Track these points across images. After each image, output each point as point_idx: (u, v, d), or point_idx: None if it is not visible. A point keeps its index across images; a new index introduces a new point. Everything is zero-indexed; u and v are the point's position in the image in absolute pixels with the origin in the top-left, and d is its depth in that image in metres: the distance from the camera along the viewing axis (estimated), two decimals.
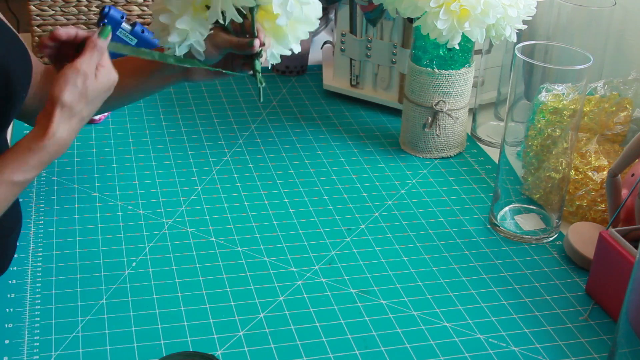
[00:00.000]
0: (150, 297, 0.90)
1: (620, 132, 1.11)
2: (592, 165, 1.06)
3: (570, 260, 0.99)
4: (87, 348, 0.82)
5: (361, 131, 1.30)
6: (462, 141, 1.24)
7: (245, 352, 0.83)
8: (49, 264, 0.94)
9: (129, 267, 0.94)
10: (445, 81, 1.17)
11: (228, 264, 0.96)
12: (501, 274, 0.96)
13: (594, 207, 1.05)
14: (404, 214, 1.08)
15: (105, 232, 1.01)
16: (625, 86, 1.12)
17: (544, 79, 0.99)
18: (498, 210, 1.05)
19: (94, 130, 1.26)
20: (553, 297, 0.93)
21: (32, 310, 0.87)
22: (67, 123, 0.82)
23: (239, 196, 1.10)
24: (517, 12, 1.07)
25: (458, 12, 1.05)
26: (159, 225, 1.03)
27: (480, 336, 0.86)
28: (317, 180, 1.15)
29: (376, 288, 0.93)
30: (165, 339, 0.84)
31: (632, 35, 1.24)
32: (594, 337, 0.87)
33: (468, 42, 1.16)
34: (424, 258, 0.99)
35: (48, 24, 1.42)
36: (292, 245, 1.00)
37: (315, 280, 0.94)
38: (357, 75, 1.38)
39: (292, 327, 0.86)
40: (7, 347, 0.82)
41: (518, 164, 1.04)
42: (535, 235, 1.03)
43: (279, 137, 1.27)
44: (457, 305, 0.91)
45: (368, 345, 0.84)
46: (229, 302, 0.90)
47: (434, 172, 1.19)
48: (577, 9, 1.17)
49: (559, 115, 0.99)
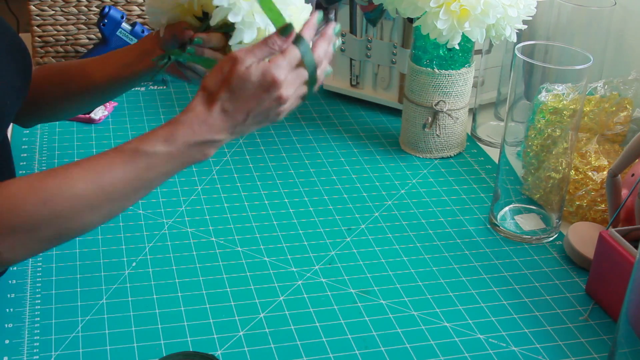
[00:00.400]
0: (150, 297, 0.90)
1: (620, 132, 1.11)
2: (592, 165, 1.06)
3: (570, 260, 0.99)
4: (87, 348, 0.82)
5: (361, 131, 1.30)
6: (462, 141, 1.24)
7: (245, 352, 0.82)
8: (49, 264, 0.94)
9: (129, 267, 0.94)
10: (445, 81, 1.17)
11: (228, 264, 0.96)
12: (501, 274, 0.96)
13: (594, 207, 1.05)
14: (404, 214, 1.08)
15: (105, 232, 1.01)
16: (625, 86, 1.12)
17: (544, 79, 0.99)
18: (498, 210, 1.05)
19: (94, 130, 1.26)
20: (553, 297, 0.93)
21: (32, 310, 0.87)
22: (206, 105, 0.77)
23: (239, 196, 1.10)
24: (517, 12, 1.07)
25: (458, 12, 1.05)
26: (159, 225, 1.03)
27: (480, 336, 0.86)
28: (317, 180, 1.15)
29: (376, 288, 0.93)
30: (165, 339, 0.84)
31: (632, 35, 1.24)
32: (594, 337, 0.87)
33: (468, 42, 1.16)
34: (424, 258, 0.99)
35: (48, 24, 1.42)
36: (292, 245, 1.00)
37: (315, 280, 0.94)
38: (357, 75, 1.38)
39: (292, 327, 0.86)
40: (7, 347, 0.82)
41: (518, 164, 1.04)
42: (535, 235, 1.03)
43: (279, 137, 1.27)
44: (457, 305, 0.91)
45: (368, 345, 0.84)
46: (229, 302, 0.90)
47: (434, 172, 1.19)
48: (577, 9, 1.17)
49: (559, 115, 0.99)
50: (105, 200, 0.75)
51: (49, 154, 1.18)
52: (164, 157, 0.76)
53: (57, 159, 1.17)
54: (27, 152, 1.18)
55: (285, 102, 0.80)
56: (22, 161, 1.15)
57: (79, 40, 1.44)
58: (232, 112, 0.78)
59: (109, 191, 0.75)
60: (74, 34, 1.44)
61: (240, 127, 0.79)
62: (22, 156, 1.16)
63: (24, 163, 1.15)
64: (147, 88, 1.40)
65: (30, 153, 1.18)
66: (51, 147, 1.20)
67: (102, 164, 0.75)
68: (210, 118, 0.77)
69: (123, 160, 0.75)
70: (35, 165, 1.14)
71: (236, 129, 0.79)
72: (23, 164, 1.15)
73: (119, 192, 0.76)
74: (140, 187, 0.77)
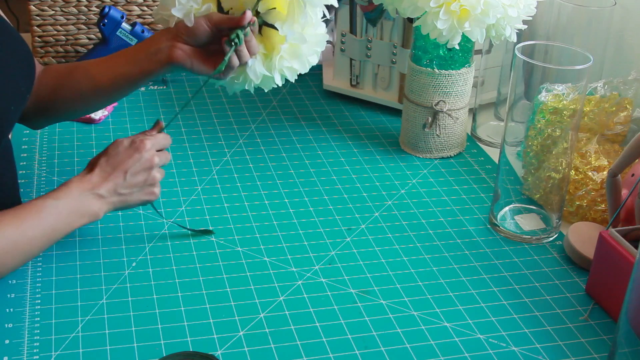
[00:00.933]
0: (150, 297, 0.90)
1: (620, 132, 1.11)
2: (592, 165, 1.06)
3: (570, 260, 0.99)
4: (87, 348, 0.82)
5: (361, 131, 1.30)
6: (462, 141, 1.24)
7: (245, 352, 0.83)
8: (49, 264, 0.94)
9: (129, 267, 0.94)
10: (445, 81, 1.17)
11: (228, 264, 0.96)
12: (501, 274, 0.96)
13: (594, 207, 1.05)
14: (404, 214, 1.08)
15: (105, 232, 1.01)
16: (625, 86, 1.12)
17: (544, 79, 0.99)
18: (498, 210, 1.05)
19: (94, 130, 1.26)
20: (553, 297, 0.93)
21: (32, 310, 0.87)
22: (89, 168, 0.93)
23: (239, 196, 1.10)
24: (517, 12, 1.07)
25: (458, 12, 1.05)
26: (159, 225, 1.03)
27: (480, 336, 0.86)
28: (317, 180, 1.15)
29: (376, 288, 0.93)
30: (165, 339, 0.84)
31: (632, 35, 1.24)
32: (594, 337, 0.87)
33: (468, 42, 1.16)
34: (424, 258, 0.99)
35: (48, 24, 1.42)
36: (292, 245, 1.00)
37: (315, 280, 0.94)
38: (357, 75, 1.38)
39: (292, 327, 0.86)
40: (7, 347, 0.82)
41: (518, 164, 1.04)
42: (535, 235, 1.03)
43: (279, 137, 1.27)
44: (457, 305, 0.91)
45: (368, 345, 0.84)
46: (229, 302, 0.90)
47: (434, 172, 1.19)
48: (577, 9, 1.17)
49: (559, 115, 0.99)
50: (27, 245, 0.86)
51: (49, 154, 1.18)
52: (65, 208, 0.89)
53: (57, 159, 1.17)
54: (27, 152, 1.18)
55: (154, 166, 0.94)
56: (23, 161, 1.15)
57: (79, 40, 1.44)
58: (110, 171, 0.92)
59: (31, 237, 0.86)
60: (74, 34, 1.44)
61: (122, 186, 0.92)
62: (23, 156, 1.16)
63: (24, 163, 1.15)
64: (147, 88, 1.40)
65: (30, 153, 1.18)
66: (51, 147, 1.20)
67: (24, 214, 0.86)
68: (93, 177, 0.92)
69: (37, 210, 0.87)
70: (35, 165, 1.14)
71: (118, 188, 0.92)
72: (23, 163, 1.15)
73: (37, 239, 0.87)
74: (52, 235, 0.88)
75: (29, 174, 1.12)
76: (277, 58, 0.97)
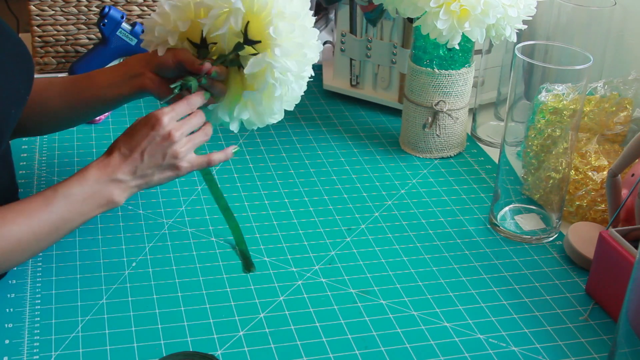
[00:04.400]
0: (150, 297, 0.90)
1: (620, 132, 1.11)
2: (592, 165, 1.06)
3: (570, 260, 0.99)
4: (87, 348, 0.82)
5: (361, 131, 1.30)
6: (462, 141, 1.24)
7: (245, 352, 0.83)
8: (49, 264, 0.94)
9: (129, 267, 0.95)
10: (445, 81, 1.17)
11: (228, 264, 0.96)
12: (501, 274, 0.96)
13: (594, 207, 1.05)
14: (404, 214, 1.08)
15: (105, 232, 1.01)
16: (625, 86, 1.12)
17: (544, 79, 0.99)
18: (498, 210, 1.05)
19: (94, 130, 1.26)
20: (553, 297, 0.93)
21: (32, 310, 0.87)
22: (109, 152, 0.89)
23: (239, 196, 1.10)
24: (517, 12, 1.07)
25: (458, 12, 1.05)
26: (159, 225, 1.03)
27: (480, 336, 0.86)
28: (317, 180, 1.15)
29: (376, 288, 0.93)
30: (165, 339, 0.84)
31: (632, 35, 1.24)
32: (594, 337, 0.87)
33: (468, 42, 1.16)
34: (424, 258, 0.99)
35: (48, 24, 1.42)
36: (292, 245, 1.00)
37: (315, 280, 0.94)
38: (357, 75, 1.38)
39: (292, 327, 0.86)
40: (7, 347, 0.82)
41: (518, 164, 1.04)
42: (535, 235, 1.03)
43: (279, 137, 1.27)
44: (457, 305, 0.91)
45: (368, 345, 0.84)
46: (229, 302, 0.90)
47: (434, 172, 1.19)
48: (577, 9, 1.18)
49: (559, 115, 0.99)
50: (34, 241, 0.84)
51: (49, 154, 1.18)
52: (79, 197, 0.86)
53: (57, 159, 1.17)
54: (27, 152, 1.18)
55: (175, 140, 0.89)
56: (22, 161, 1.15)
57: (79, 40, 1.44)
58: (129, 153, 0.88)
59: (37, 232, 0.83)
60: (74, 34, 1.44)
61: (141, 168, 0.89)
62: (22, 156, 1.16)
63: (24, 163, 1.15)
64: None
65: (30, 153, 1.18)
66: (51, 147, 1.20)
67: (31, 208, 0.84)
68: (112, 160, 0.88)
69: (46, 203, 0.84)
70: (35, 166, 1.14)
71: (138, 170, 0.88)
72: (23, 164, 1.15)
73: (44, 233, 0.84)
74: (62, 227, 0.86)
75: (29, 175, 1.12)
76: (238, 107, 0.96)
